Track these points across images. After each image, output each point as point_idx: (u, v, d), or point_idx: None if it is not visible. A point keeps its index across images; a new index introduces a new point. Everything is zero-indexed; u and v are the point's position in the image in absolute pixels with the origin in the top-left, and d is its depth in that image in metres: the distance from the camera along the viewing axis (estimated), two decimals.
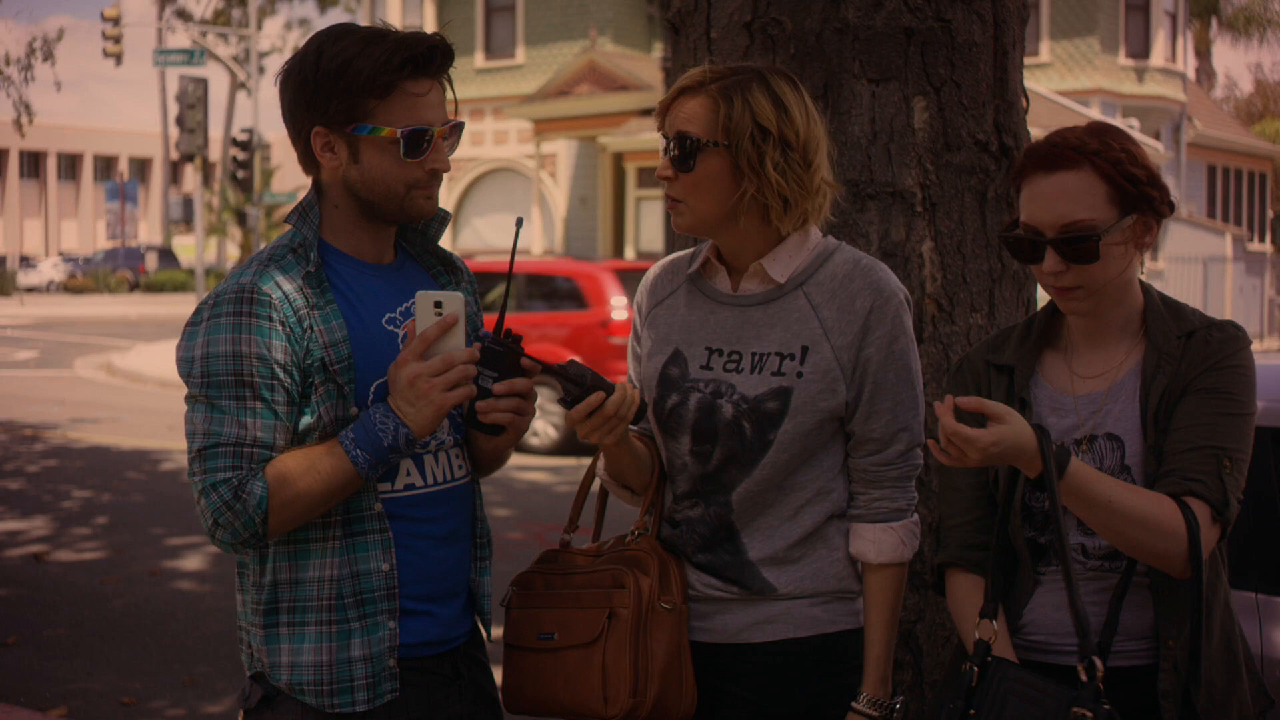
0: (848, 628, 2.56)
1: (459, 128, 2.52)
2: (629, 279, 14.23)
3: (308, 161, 2.50)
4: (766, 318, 2.55)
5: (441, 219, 2.62)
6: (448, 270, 2.67)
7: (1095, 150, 2.33)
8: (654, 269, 2.74)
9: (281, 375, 2.37)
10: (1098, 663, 2.23)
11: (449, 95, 2.51)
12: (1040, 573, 2.45)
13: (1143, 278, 2.50)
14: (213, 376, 2.35)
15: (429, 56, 2.42)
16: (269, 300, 2.37)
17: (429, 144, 2.44)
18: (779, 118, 2.47)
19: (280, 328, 2.37)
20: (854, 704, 2.51)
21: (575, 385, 2.42)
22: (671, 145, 2.50)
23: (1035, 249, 2.38)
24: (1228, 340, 2.38)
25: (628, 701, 2.47)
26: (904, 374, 2.53)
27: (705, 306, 2.62)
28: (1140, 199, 2.34)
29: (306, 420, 2.41)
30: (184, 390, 2.41)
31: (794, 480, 2.53)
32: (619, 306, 13.80)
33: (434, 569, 2.54)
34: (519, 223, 2.55)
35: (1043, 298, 2.69)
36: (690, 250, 2.72)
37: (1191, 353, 2.37)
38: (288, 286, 2.40)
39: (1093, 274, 2.36)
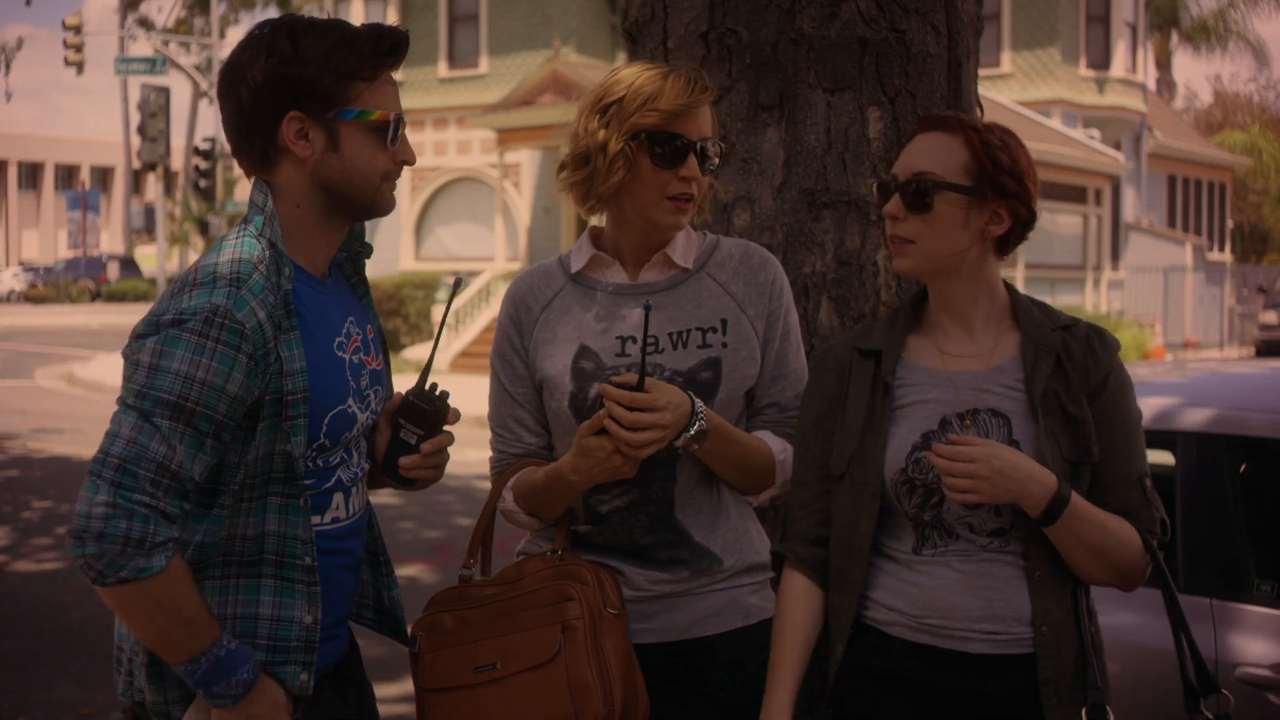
0: None
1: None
2: None
3: (266, 158, 2.38)
4: (675, 300, 2.63)
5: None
6: (358, 274, 2.62)
7: (974, 127, 2.44)
8: (522, 282, 2.72)
9: (224, 409, 2.24)
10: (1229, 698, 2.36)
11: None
12: (923, 554, 2.43)
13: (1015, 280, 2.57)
14: (155, 391, 2.20)
15: (403, 46, 2.40)
16: (241, 330, 2.23)
17: (401, 133, 2.42)
18: None
19: (245, 360, 2.24)
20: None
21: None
22: (698, 147, 2.56)
23: (886, 192, 2.48)
24: (1111, 347, 2.46)
25: (601, 711, 2.42)
26: (799, 339, 2.70)
27: (605, 301, 2.65)
28: (996, 184, 2.40)
29: (240, 448, 2.30)
30: None
31: None
32: None
33: (343, 597, 2.52)
34: (456, 284, 2.59)
35: None
36: (555, 258, 2.75)
37: (1077, 348, 2.44)
38: (261, 314, 2.26)
39: (928, 229, 2.42)
